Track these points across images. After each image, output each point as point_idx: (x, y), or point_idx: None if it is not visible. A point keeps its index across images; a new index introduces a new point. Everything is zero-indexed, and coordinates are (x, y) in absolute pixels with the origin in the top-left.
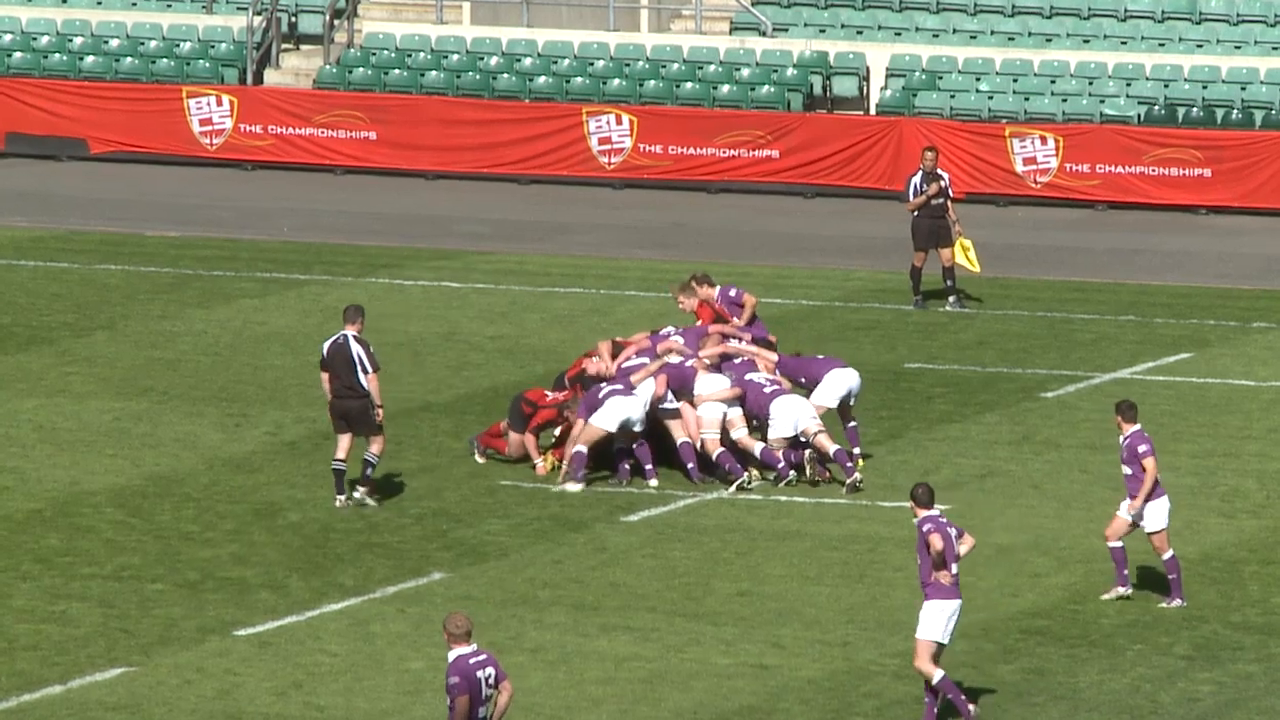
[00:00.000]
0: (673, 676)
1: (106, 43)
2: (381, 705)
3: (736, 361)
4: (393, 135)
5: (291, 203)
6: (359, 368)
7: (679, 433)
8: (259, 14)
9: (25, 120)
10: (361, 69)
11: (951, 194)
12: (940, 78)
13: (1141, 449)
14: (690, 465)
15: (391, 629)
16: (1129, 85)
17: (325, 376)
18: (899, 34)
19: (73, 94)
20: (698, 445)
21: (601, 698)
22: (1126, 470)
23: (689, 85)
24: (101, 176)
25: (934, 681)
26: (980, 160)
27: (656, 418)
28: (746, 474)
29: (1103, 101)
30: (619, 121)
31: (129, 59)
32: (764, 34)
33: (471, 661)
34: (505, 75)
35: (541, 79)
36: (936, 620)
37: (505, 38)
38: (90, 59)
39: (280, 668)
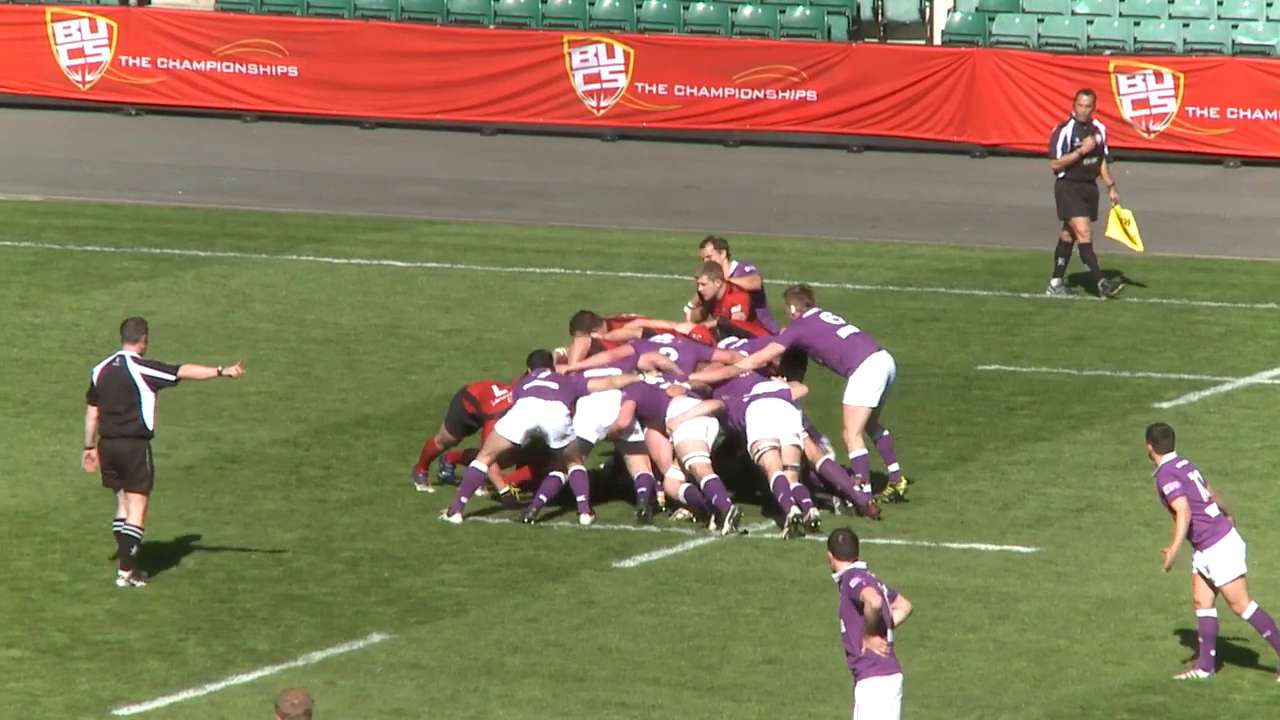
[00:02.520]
0: None
1: None
2: None
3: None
4: (318, 71)
5: (188, 158)
6: (140, 396)
7: (638, 466)
8: None
9: None
10: None
11: (1107, 151)
12: None
13: (1168, 488)
14: (642, 492)
15: (317, 707)
16: (1270, 6)
17: (93, 412)
18: None
19: None
20: (666, 473)
21: None
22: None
23: (700, 7)
24: None
25: None
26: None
27: (616, 449)
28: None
29: (1235, 27)
30: (610, 54)
31: None
32: None
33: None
34: None
35: None
36: (880, 704)
37: None
38: None
39: None
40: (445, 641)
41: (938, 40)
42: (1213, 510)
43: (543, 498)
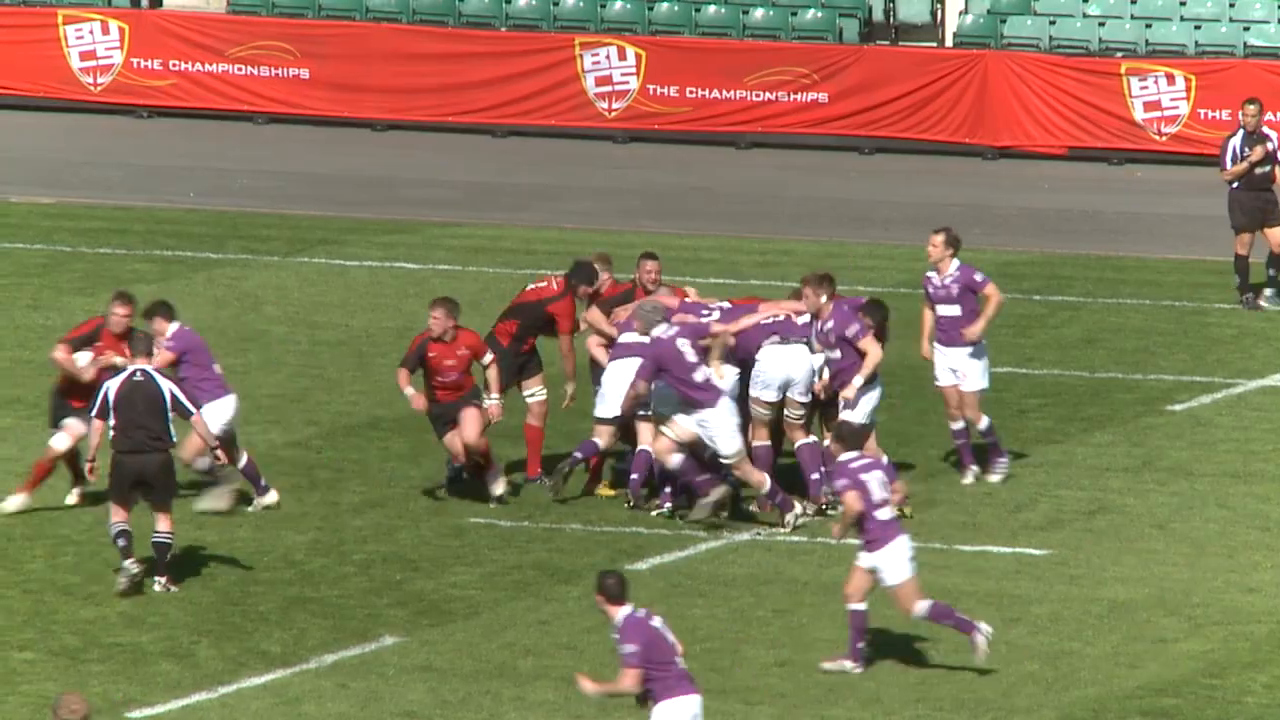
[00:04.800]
0: None
1: None
2: None
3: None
4: (330, 73)
5: (199, 160)
6: (168, 411)
7: (646, 436)
8: None
9: None
10: None
11: None
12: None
13: (838, 484)
14: (635, 478)
15: (329, 709)
16: None
17: (99, 425)
18: None
19: None
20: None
21: None
22: None
23: (712, 9)
24: None
25: None
26: (1088, 105)
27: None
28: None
29: (1247, 29)
30: (622, 55)
31: None
32: None
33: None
34: None
35: (522, 0)
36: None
37: None
38: None
39: None
40: (457, 644)
41: (949, 42)
42: (885, 514)
43: (578, 455)
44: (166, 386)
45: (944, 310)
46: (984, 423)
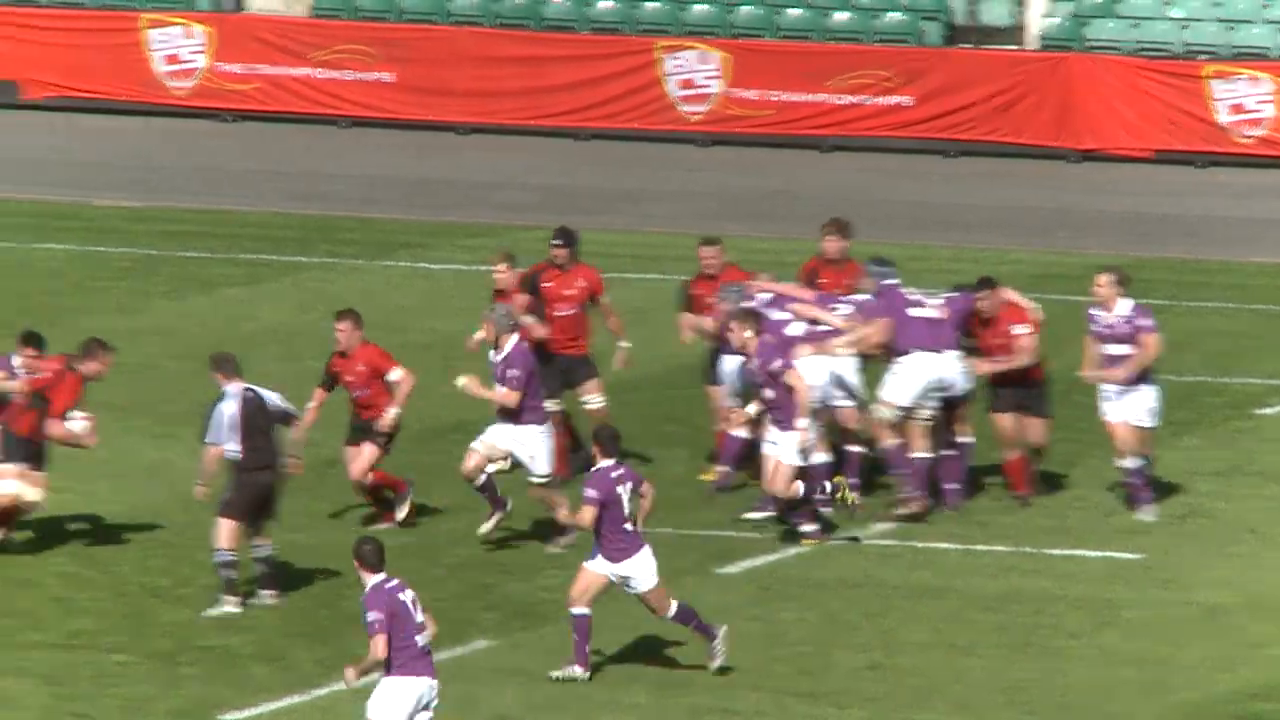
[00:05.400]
0: None
1: None
2: None
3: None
4: (413, 77)
5: (284, 163)
6: (279, 426)
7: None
8: None
9: None
10: None
11: None
12: (1119, 1)
13: (587, 492)
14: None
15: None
16: None
17: (221, 451)
18: None
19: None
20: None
21: None
22: None
23: (794, 12)
24: (36, 128)
25: None
26: (1173, 108)
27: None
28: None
29: None
30: (704, 59)
31: None
32: None
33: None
34: (558, 1)
35: (604, 4)
36: (392, 702)
37: None
38: None
39: None
40: (549, 647)
41: (1032, 45)
42: (630, 525)
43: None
44: (278, 406)
45: (1112, 349)
46: (1136, 462)
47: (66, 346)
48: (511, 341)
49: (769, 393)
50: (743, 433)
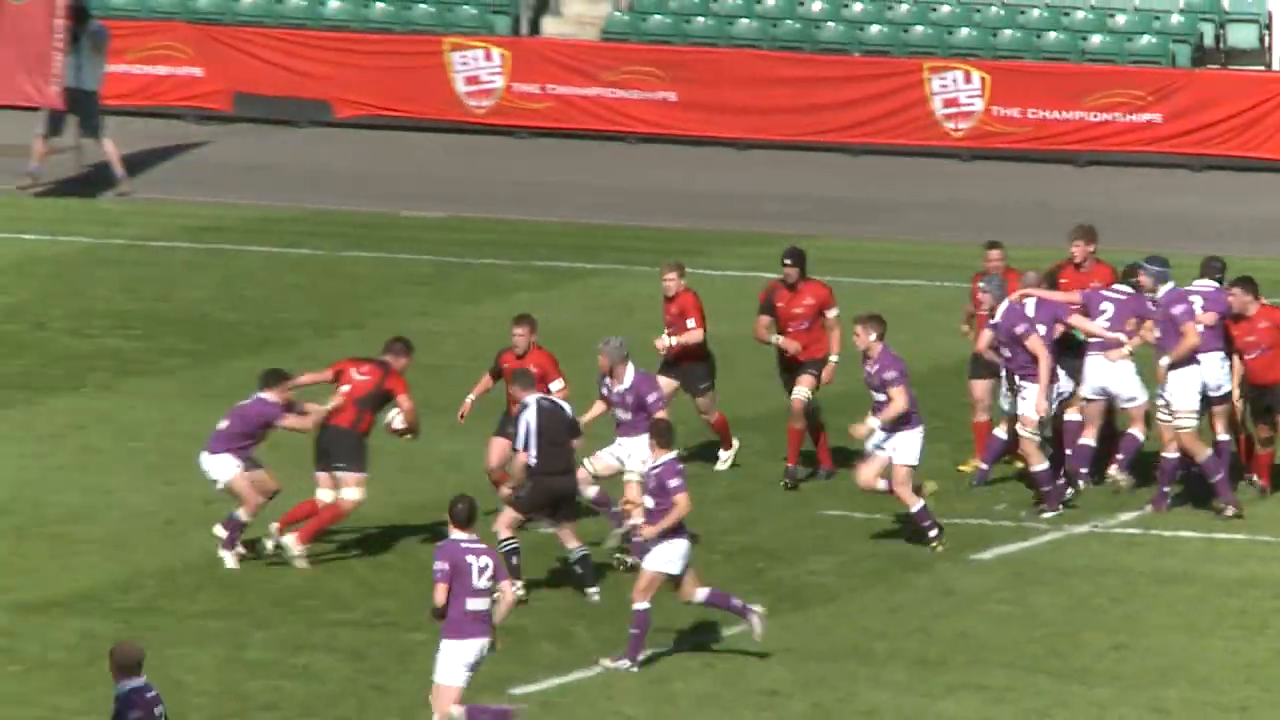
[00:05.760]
0: None
1: None
2: None
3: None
4: (695, 96)
5: (575, 177)
6: (572, 432)
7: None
8: None
9: (257, 78)
10: (658, 16)
11: None
12: None
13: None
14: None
15: (697, 687)
16: None
17: (524, 456)
18: None
19: (313, 47)
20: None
21: None
22: None
23: (1052, 35)
24: (348, 145)
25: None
26: None
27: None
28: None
29: None
30: (968, 79)
31: (381, 4)
32: None
33: (149, 695)
34: (830, 24)
35: (874, 28)
36: (451, 663)
37: None
38: (335, 5)
39: None
40: (815, 627)
41: (1277, 66)
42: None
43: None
44: (568, 411)
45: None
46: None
47: (371, 346)
48: (630, 372)
49: (1006, 353)
50: (1002, 432)
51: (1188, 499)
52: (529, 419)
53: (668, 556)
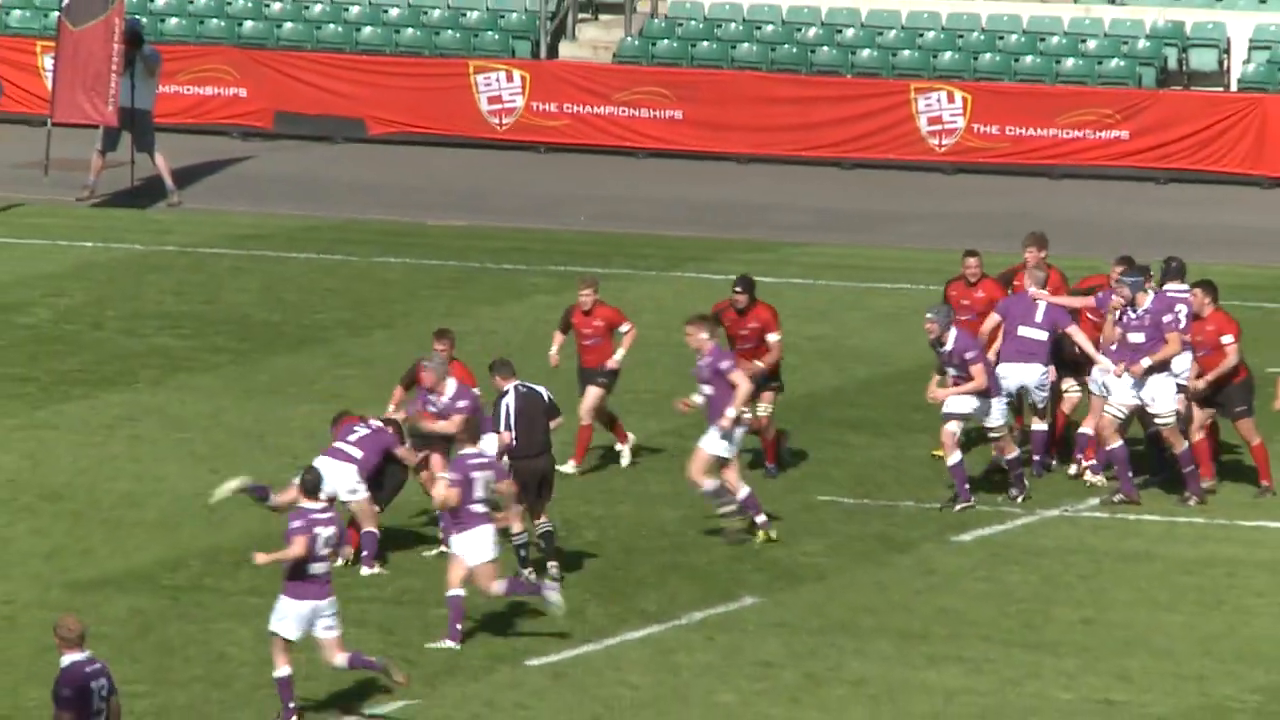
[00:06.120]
0: (1009, 713)
1: (386, 12)
2: None
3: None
4: (700, 114)
5: (589, 189)
6: (549, 415)
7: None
8: None
9: (296, 98)
10: (666, 41)
11: None
12: None
13: (451, 475)
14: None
15: (698, 659)
16: None
17: (506, 436)
18: (1263, 1)
19: (348, 69)
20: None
21: None
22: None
23: (1029, 59)
24: (380, 160)
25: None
26: None
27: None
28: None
29: None
30: (951, 99)
31: (410, 30)
32: (1113, 2)
33: (87, 670)
34: (825, 48)
35: (865, 52)
36: (284, 614)
37: (825, 6)
38: (368, 30)
39: (577, 701)
40: (807, 604)
41: (1234, 87)
42: (479, 507)
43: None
44: (547, 396)
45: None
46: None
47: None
48: (451, 385)
49: (953, 372)
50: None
51: (1152, 484)
52: (509, 403)
53: (477, 546)
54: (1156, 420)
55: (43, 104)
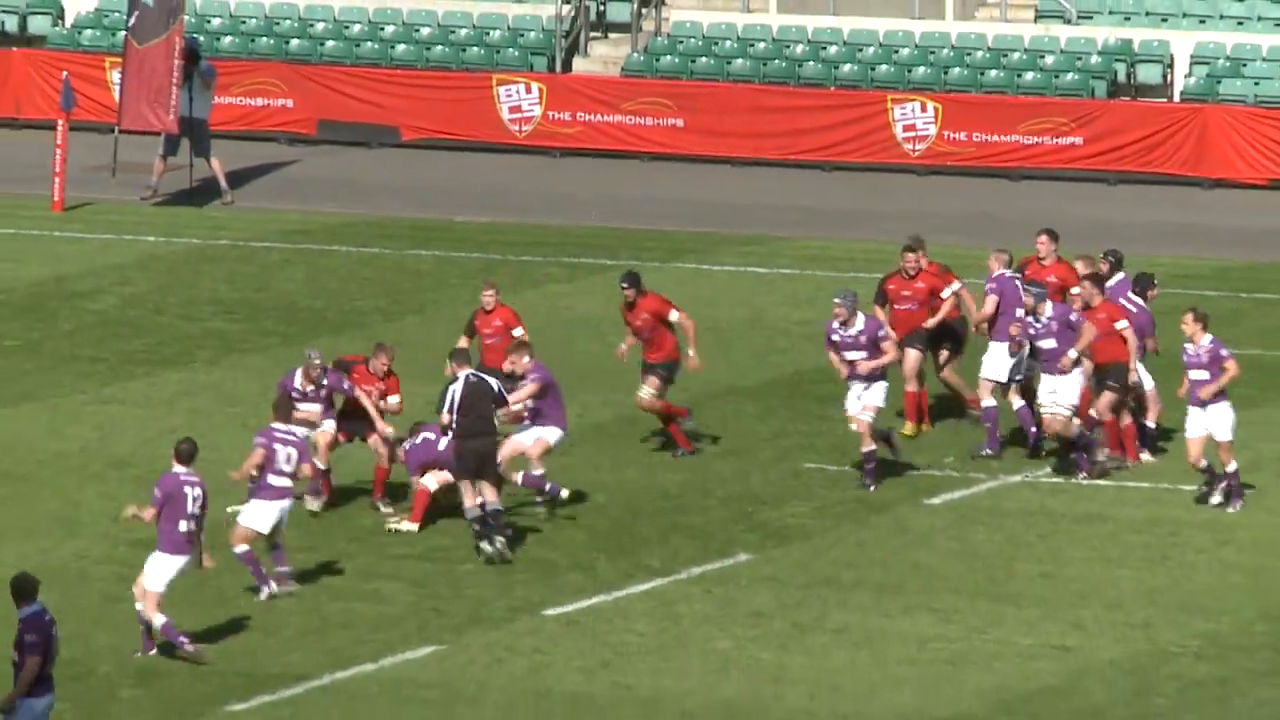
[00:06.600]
0: (975, 657)
1: (418, 31)
2: (687, 684)
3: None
4: (699, 122)
5: (599, 189)
6: (496, 403)
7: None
8: (567, 2)
9: (337, 108)
10: (669, 57)
11: None
12: (1244, 65)
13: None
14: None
15: (697, 609)
16: None
17: (445, 418)
18: (1203, 21)
19: (384, 82)
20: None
21: (905, 678)
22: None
23: (993, 73)
24: (412, 163)
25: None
26: None
27: None
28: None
29: None
30: (924, 109)
31: (439, 47)
32: (1068, 21)
33: (47, 618)
34: (810, 63)
35: (846, 67)
36: (157, 571)
37: (811, 25)
38: (401, 47)
39: (588, 647)
40: (795, 560)
41: (1177, 98)
42: (279, 480)
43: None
44: (496, 385)
45: (1195, 375)
46: (1232, 465)
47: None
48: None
49: (850, 355)
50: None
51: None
52: (455, 389)
53: (260, 516)
54: (1058, 410)
55: (111, 113)
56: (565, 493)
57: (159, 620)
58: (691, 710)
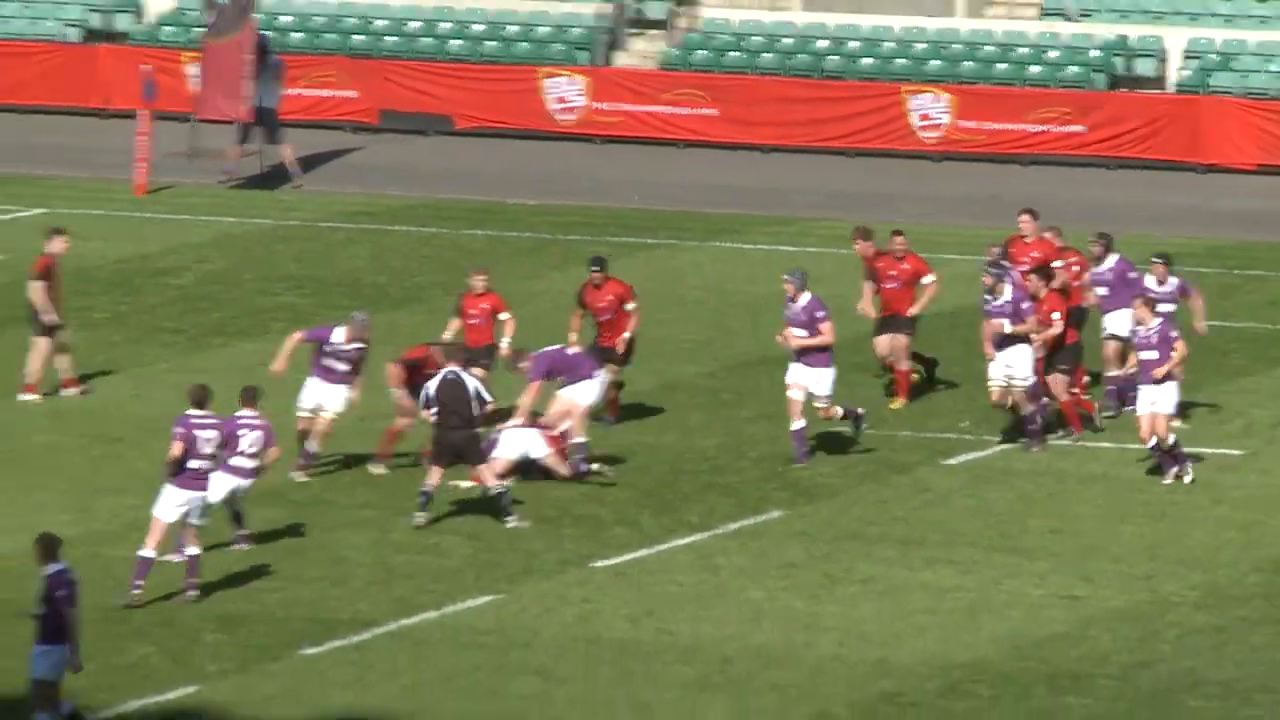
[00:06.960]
0: (991, 606)
1: (470, 28)
2: (725, 631)
3: None
4: (731, 112)
5: (640, 173)
6: (475, 403)
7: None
8: (608, 1)
9: (397, 98)
10: (702, 51)
11: None
12: (1233, 59)
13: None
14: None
15: (734, 562)
16: None
17: (427, 413)
18: (1195, 18)
19: (440, 74)
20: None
21: (926, 625)
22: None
23: (1002, 66)
24: (466, 150)
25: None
26: (1273, 136)
27: None
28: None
29: None
30: (937, 99)
31: (491, 42)
32: (1070, 19)
33: (69, 575)
34: (833, 57)
35: (866, 60)
36: (166, 504)
37: (833, 22)
38: (455, 42)
39: (633, 596)
40: (823, 516)
41: (1171, 90)
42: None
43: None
44: (473, 385)
45: (1145, 355)
46: (1171, 439)
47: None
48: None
49: (799, 332)
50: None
51: (1109, 421)
52: (430, 385)
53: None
54: (1014, 382)
55: (188, 104)
56: (595, 465)
57: (146, 552)
58: (729, 655)
